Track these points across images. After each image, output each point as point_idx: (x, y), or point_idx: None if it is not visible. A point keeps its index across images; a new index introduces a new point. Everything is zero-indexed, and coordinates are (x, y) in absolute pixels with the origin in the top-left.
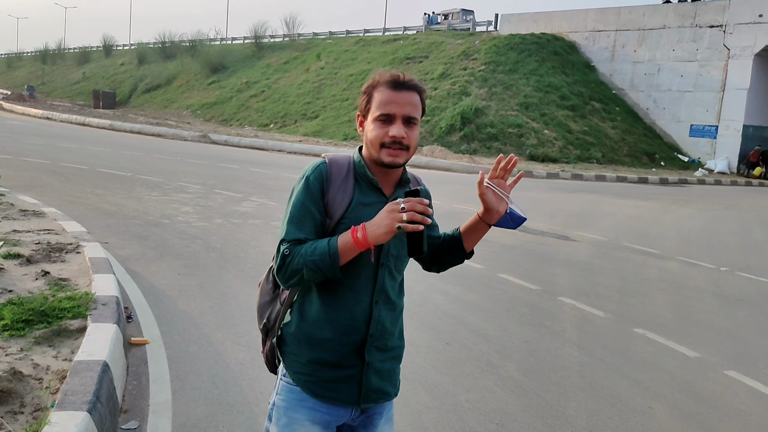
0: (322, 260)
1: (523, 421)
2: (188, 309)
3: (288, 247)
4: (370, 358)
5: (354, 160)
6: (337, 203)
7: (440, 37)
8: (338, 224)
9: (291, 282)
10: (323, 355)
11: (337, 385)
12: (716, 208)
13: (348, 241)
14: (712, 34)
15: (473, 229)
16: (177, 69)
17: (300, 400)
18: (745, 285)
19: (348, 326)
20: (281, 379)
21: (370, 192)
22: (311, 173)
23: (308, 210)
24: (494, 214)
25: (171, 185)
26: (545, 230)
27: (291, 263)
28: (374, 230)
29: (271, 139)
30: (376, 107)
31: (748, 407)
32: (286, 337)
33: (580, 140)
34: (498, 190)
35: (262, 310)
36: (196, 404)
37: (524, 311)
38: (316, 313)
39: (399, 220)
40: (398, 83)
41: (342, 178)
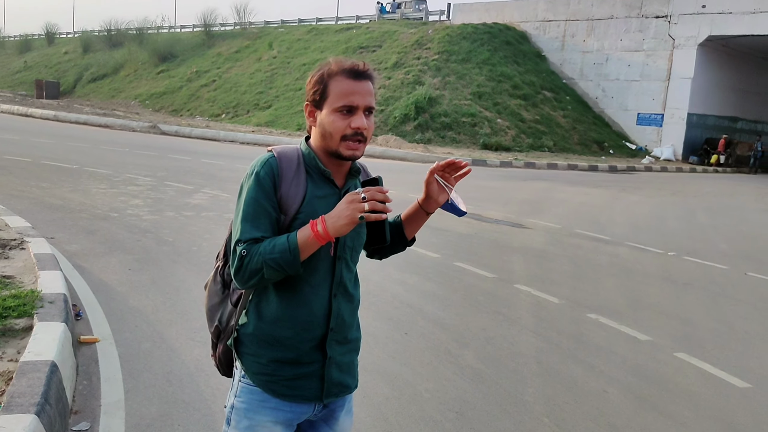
0: (283, 257)
1: (482, 408)
2: (140, 305)
3: (245, 247)
4: (331, 352)
5: (303, 152)
6: (291, 198)
7: (393, 26)
8: (294, 219)
9: (251, 283)
10: (284, 353)
11: (299, 383)
12: (663, 195)
13: (308, 235)
14: (657, 25)
15: (414, 216)
16: (124, 58)
17: (261, 401)
18: (692, 269)
19: (308, 322)
20: (240, 380)
21: (323, 184)
22: (261, 168)
23: (262, 207)
24: (433, 203)
25: (119, 177)
26: (500, 218)
27: (250, 263)
28: (335, 222)
29: (223, 129)
30: (337, 98)
31: (697, 388)
32: (243, 338)
33: (532, 129)
34: (442, 181)
35: (212, 312)
36: (150, 403)
37: (481, 299)
38: (275, 311)
39: (361, 210)
40: (358, 73)
41: (293, 172)
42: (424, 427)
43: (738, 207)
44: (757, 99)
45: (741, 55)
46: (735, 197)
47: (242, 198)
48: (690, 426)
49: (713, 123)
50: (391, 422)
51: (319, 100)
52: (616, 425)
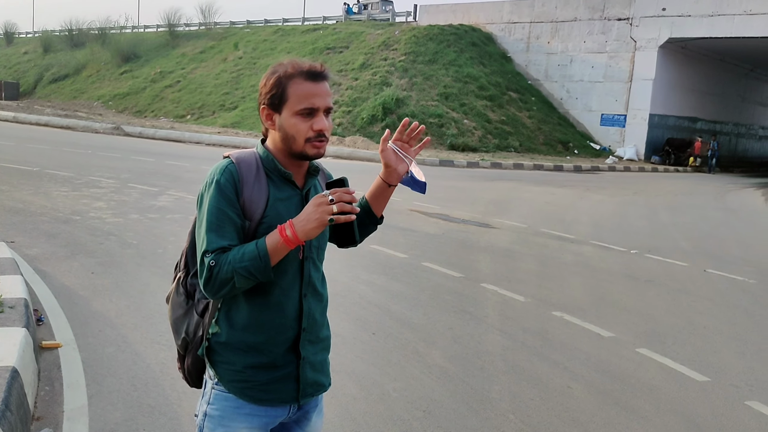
0: (254, 265)
1: (449, 406)
2: (103, 309)
3: (213, 257)
4: (305, 352)
5: (260, 155)
6: (254, 203)
7: (360, 28)
8: (259, 224)
9: (222, 293)
10: (259, 359)
11: (275, 386)
12: (626, 194)
13: (277, 240)
14: (619, 27)
15: (378, 193)
16: (86, 58)
17: (236, 408)
18: (653, 266)
19: (281, 325)
20: (213, 388)
21: (284, 186)
22: (221, 176)
23: (226, 215)
24: (393, 173)
25: (82, 180)
26: (467, 218)
27: (219, 274)
28: (304, 225)
29: (188, 130)
30: (297, 101)
31: (658, 382)
32: (216, 347)
33: (498, 129)
34: (401, 152)
35: (177, 325)
36: (114, 408)
37: (448, 298)
38: (246, 318)
39: (329, 213)
40: (317, 74)
41: (254, 176)
42: (392, 426)
43: (698, 205)
44: (715, 100)
45: (700, 57)
46: (695, 196)
47: (204, 208)
48: (651, 419)
49: (674, 123)
50: (359, 422)
51: (278, 103)
52: (580, 420)
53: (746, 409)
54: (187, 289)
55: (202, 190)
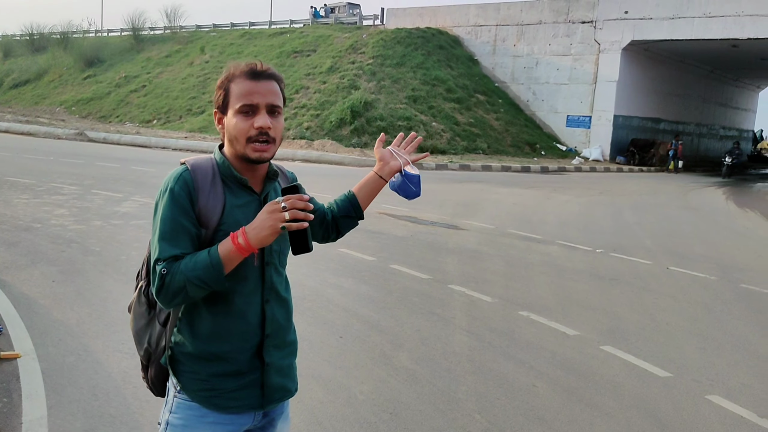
0: (206, 273)
1: (416, 408)
2: (64, 318)
3: (165, 266)
4: (269, 358)
5: (217, 161)
6: (210, 210)
7: (327, 31)
8: (216, 232)
9: (175, 302)
10: (224, 367)
11: (240, 393)
12: (592, 194)
13: (229, 248)
14: (583, 30)
15: (369, 186)
16: (48, 63)
17: (200, 417)
18: (618, 265)
19: (245, 332)
20: (176, 396)
21: (241, 192)
22: (175, 184)
23: (179, 223)
24: (386, 167)
25: (43, 187)
26: (435, 220)
27: (172, 283)
28: (257, 233)
29: (154, 135)
30: (237, 99)
31: (621, 379)
32: (179, 357)
33: (466, 132)
34: (396, 152)
35: (140, 335)
36: (74, 418)
37: (416, 300)
38: (209, 327)
39: (281, 220)
40: (256, 73)
41: (209, 183)
42: (359, 430)
43: (661, 205)
44: (677, 101)
45: (662, 59)
46: (658, 195)
47: (158, 216)
48: (614, 416)
49: (638, 124)
50: (326, 426)
51: (223, 104)
52: (545, 418)
53: (707, 403)
54: (149, 298)
55: (156, 198)
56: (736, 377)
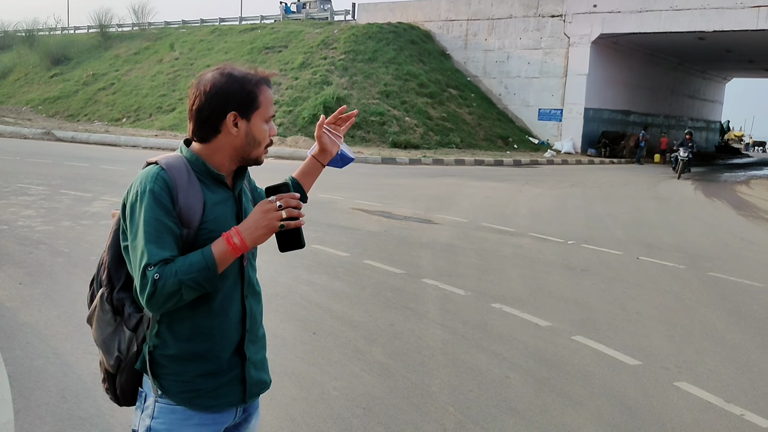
0: (202, 275)
1: (390, 402)
2: (32, 320)
3: (157, 270)
4: (248, 353)
5: (188, 159)
6: (191, 209)
7: (299, 26)
8: (199, 230)
9: (167, 305)
10: (206, 366)
11: (223, 391)
12: (563, 186)
13: (224, 249)
14: (553, 24)
15: (309, 171)
16: (13, 61)
17: (184, 420)
18: (589, 256)
19: (226, 329)
20: (157, 401)
21: (217, 189)
22: (153, 184)
23: (164, 225)
24: (327, 155)
25: (9, 187)
26: (409, 215)
27: (165, 287)
28: (252, 233)
29: (124, 134)
30: (267, 107)
31: (592, 368)
32: (160, 360)
33: (439, 126)
34: (332, 133)
35: (107, 344)
36: (42, 422)
37: (389, 295)
38: (191, 327)
39: (279, 219)
40: (270, 81)
41: (186, 182)
42: (332, 425)
43: (631, 196)
44: (646, 93)
45: (631, 52)
46: (629, 187)
47: (140, 219)
48: (585, 404)
49: (608, 117)
50: (299, 422)
51: (248, 109)
52: (518, 408)
53: (675, 389)
54: (113, 305)
55: (131, 201)
56: (703, 364)
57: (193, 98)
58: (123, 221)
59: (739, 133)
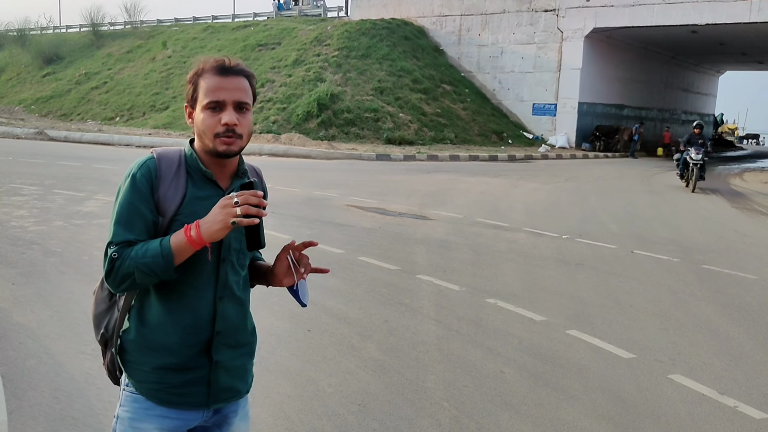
0: (155, 262)
1: (384, 399)
2: (24, 320)
3: (116, 250)
4: (219, 356)
5: (185, 154)
6: (169, 199)
7: (292, 23)
8: (172, 221)
9: (122, 287)
10: (168, 359)
11: (185, 390)
12: (558, 181)
13: (182, 240)
14: (546, 18)
15: (259, 274)
16: (5, 61)
17: (146, 409)
18: (583, 250)
19: (192, 326)
20: (124, 389)
21: (206, 186)
22: (137, 170)
23: (137, 209)
24: (276, 281)
25: (2, 188)
26: (403, 211)
27: (121, 267)
28: (208, 227)
29: (117, 133)
30: (204, 95)
31: (587, 362)
32: (126, 345)
33: (434, 122)
34: (294, 264)
35: (98, 319)
36: (35, 422)
37: (384, 291)
38: (157, 316)
39: (233, 215)
40: (225, 68)
41: (173, 173)
42: (327, 422)
43: (626, 190)
44: (640, 87)
45: (624, 45)
46: (623, 181)
47: (117, 200)
48: (580, 398)
49: (602, 111)
50: (293, 420)
51: (192, 99)
52: (512, 403)
53: (669, 382)
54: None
55: (121, 182)
56: (697, 356)
57: None
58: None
59: (732, 126)
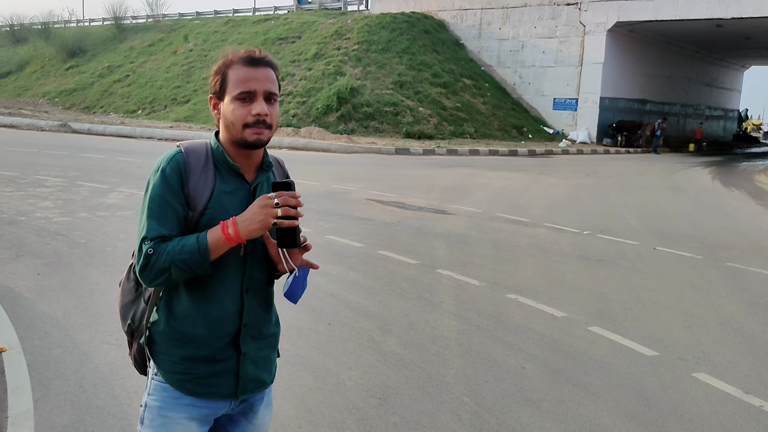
0: (192, 258)
1: (405, 392)
2: (50, 311)
3: (152, 245)
4: (245, 348)
5: (212, 147)
6: (199, 194)
7: (312, 17)
8: (201, 215)
9: (157, 281)
10: (196, 351)
11: (214, 380)
12: (578, 176)
13: (218, 237)
14: (568, 12)
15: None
16: (29, 54)
17: (175, 398)
18: (605, 246)
19: (220, 319)
20: (152, 378)
21: (232, 179)
22: (167, 164)
23: (168, 204)
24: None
25: (27, 179)
26: (423, 205)
27: (157, 262)
28: (247, 225)
29: (139, 126)
30: (234, 86)
31: (609, 359)
32: (155, 336)
33: (453, 116)
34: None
35: (125, 310)
36: (61, 411)
37: (404, 286)
38: (186, 308)
39: (274, 216)
40: (254, 59)
41: (201, 167)
42: (348, 415)
43: (647, 185)
44: (663, 82)
45: (647, 39)
46: (644, 176)
47: (148, 194)
48: (602, 395)
49: (624, 106)
50: (314, 412)
51: (220, 90)
52: (533, 399)
53: (693, 380)
54: (137, 275)
55: (149, 177)
56: (721, 354)
57: None
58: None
59: (757, 122)
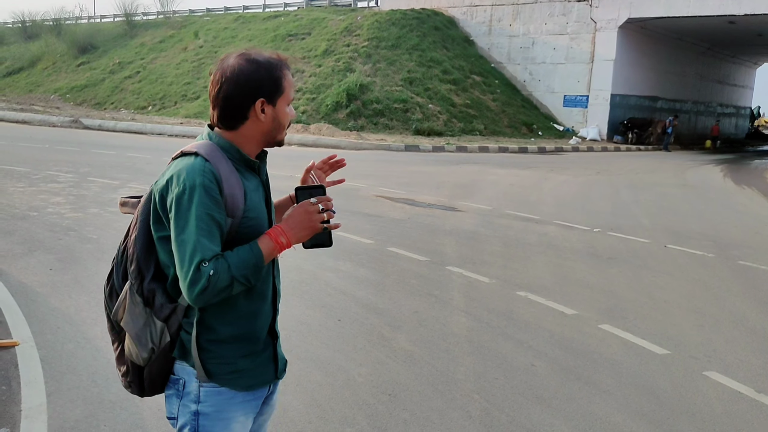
0: (253, 272)
1: (415, 389)
2: (62, 306)
3: (212, 266)
4: (278, 331)
5: (222, 146)
6: (235, 197)
7: (322, 13)
8: (242, 218)
9: (215, 299)
10: (249, 347)
11: (260, 370)
12: (589, 174)
13: (272, 247)
14: (579, 9)
15: (282, 207)
16: (41, 50)
17: (230, 399)
18: (615, 244)
19: (265, 311)
20: (201, 386)
21: (250, 176)
22: (203, 178)
23: (214, 220)
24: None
25: (39, 175)
26: (433, 202)
27: (218, 282)
28: (297, 233)
29: (149, 122)
30: (289, 91)
31: (619, 357)
32: (206, 345)
33: (463, 113)
34: (315, 180)
35: (140, 336)
36: (74, 405)
37: (414, 282)
38: (236, 311)
39: (321, 220)
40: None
41: (228, 171)
42: (358, 411)
43: (658, 183)
44: (674, 79)
45: (659, 36)
46: (655, 174)
47: (191, 213)
48: (613, 393)
49: (635, 103)
50: (324, 408)
51: (275, 94)
52: (543, 397)
53: (704, 379)
54: (144, 296)
55: (177, 193)
56: (733, 353)
57: (218, 85)
58: (160, 212)
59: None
